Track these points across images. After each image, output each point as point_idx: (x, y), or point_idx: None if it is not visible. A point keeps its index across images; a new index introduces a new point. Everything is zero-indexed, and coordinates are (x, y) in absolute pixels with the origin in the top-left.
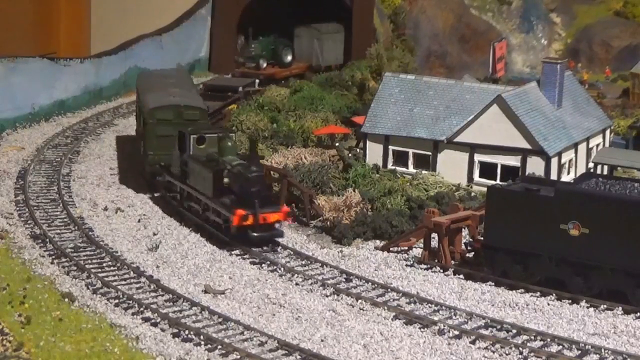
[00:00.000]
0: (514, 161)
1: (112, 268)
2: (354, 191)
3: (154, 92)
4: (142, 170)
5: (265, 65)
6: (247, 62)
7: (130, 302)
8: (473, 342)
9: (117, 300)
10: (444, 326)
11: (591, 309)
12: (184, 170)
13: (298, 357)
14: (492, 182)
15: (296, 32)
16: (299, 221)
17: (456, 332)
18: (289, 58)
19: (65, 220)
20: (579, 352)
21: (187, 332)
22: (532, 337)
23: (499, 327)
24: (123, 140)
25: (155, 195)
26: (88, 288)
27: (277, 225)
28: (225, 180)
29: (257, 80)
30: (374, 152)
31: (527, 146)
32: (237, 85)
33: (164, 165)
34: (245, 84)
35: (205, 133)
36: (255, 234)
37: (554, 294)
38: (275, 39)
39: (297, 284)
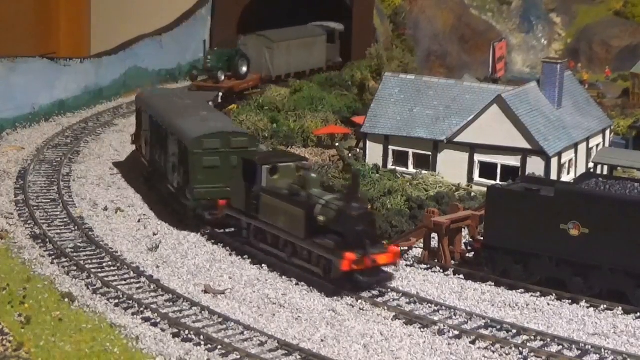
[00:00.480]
0: (514, 161)
1: (112, 268)
2: None
3: (186, 118)
4: (177, 206)
5: (223, 77)
6: (202, 74)
7: (130, 302)
8: (473, 342)
9: (117, 300)
10: (444, 326)
11: (591, 309)
12: (254, 205)
13: (298, 357)
14: (492, 182)
15: (242, 40)
16: None
17: (456, 332)
18: (244, 69)
19: (65, 220)
20: (579, 352)
21: (187, 332)
22: (532, 337)
23: (499, 327)
24: (125, 142)
25: (202, 232)
26: (88, 288)
27: (385, 268)
28: (321, 218)
29: (220, 94)
30: (374, 152)
31: (527, 146)
32: (205, 99)
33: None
34: (211, 98)
35: (278, 162)
36: (364, 279)
37: (554, 294)
38: (230, 49)
39: (297, 284)
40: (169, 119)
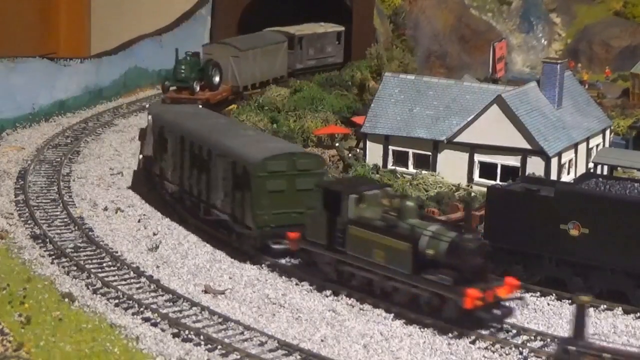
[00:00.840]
0: (514, 161)
1: (112, 268)
2: None
3: (236, 139)
4: (229, 235)
5: (198, 88)
6: (176, 85)
7: (130, 302)
8: (473, 342)
9: (117, 300)
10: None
11: (591, 309)
12: (339, 238)
13: (298, 357)
14: (492, 182)
15: (205, 49)
16: None
17: (456, 332)
18: (217, 79)
19: (65, 220)
20: None
21: (187, 332)
22: (532, 337)
23: (499, 327)
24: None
25: (263, 265)
26: (88, 288)
27: (505, 303)
28: (429, 251)
29: (200, 107)
30: (374, 152)
31: (527, 146)
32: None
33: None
34: None
35: (365, 190)
36: (488, 316)
37: (554, 294)
38: (199, 58)
39: (297, 284)
40: (213, 139)
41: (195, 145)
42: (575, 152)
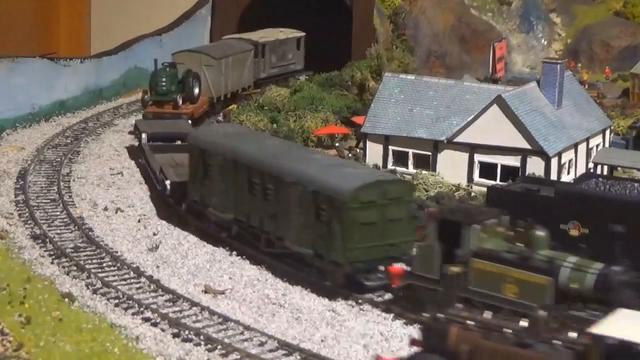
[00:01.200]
0: (514, 161)
1: (112, 268)
2: None
3: (311, 165)
4: (313, 271)
5: (181, 101)
6: (158, 99)
7: (130, 302)
8: None
9: (117, 300)
10: None
11: None
12: (458, 273)
13: (298, 357)
14: (492, 182)
15: (176, 58)
16: None
17: None
18: (197, 91)
19: (65, 220)
20: None
21: (187, 332)
22: None
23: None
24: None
25: (355, 301)
26: (88, 288)
27: None
28: (574, 285)
29: (190, 121)
30: (374, 152)
31: (527, 146)
32: (182, 130)
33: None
34: (188, 127)
35: (484, 219)
36: None
37: None
38: (177, 69)
39: (297, 284)
40: (282, 165)
41: (254, 170)
42: (575, 152)
